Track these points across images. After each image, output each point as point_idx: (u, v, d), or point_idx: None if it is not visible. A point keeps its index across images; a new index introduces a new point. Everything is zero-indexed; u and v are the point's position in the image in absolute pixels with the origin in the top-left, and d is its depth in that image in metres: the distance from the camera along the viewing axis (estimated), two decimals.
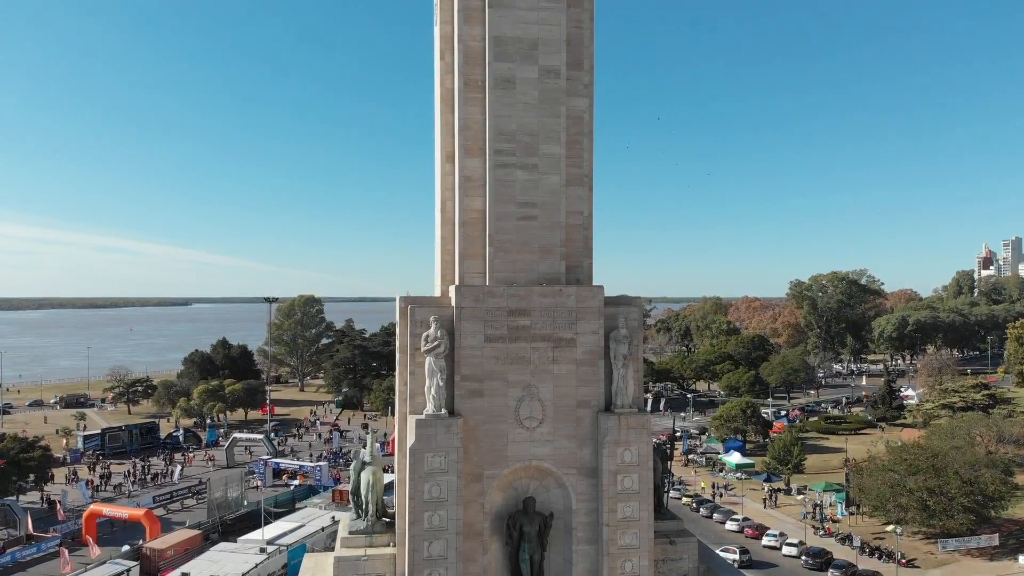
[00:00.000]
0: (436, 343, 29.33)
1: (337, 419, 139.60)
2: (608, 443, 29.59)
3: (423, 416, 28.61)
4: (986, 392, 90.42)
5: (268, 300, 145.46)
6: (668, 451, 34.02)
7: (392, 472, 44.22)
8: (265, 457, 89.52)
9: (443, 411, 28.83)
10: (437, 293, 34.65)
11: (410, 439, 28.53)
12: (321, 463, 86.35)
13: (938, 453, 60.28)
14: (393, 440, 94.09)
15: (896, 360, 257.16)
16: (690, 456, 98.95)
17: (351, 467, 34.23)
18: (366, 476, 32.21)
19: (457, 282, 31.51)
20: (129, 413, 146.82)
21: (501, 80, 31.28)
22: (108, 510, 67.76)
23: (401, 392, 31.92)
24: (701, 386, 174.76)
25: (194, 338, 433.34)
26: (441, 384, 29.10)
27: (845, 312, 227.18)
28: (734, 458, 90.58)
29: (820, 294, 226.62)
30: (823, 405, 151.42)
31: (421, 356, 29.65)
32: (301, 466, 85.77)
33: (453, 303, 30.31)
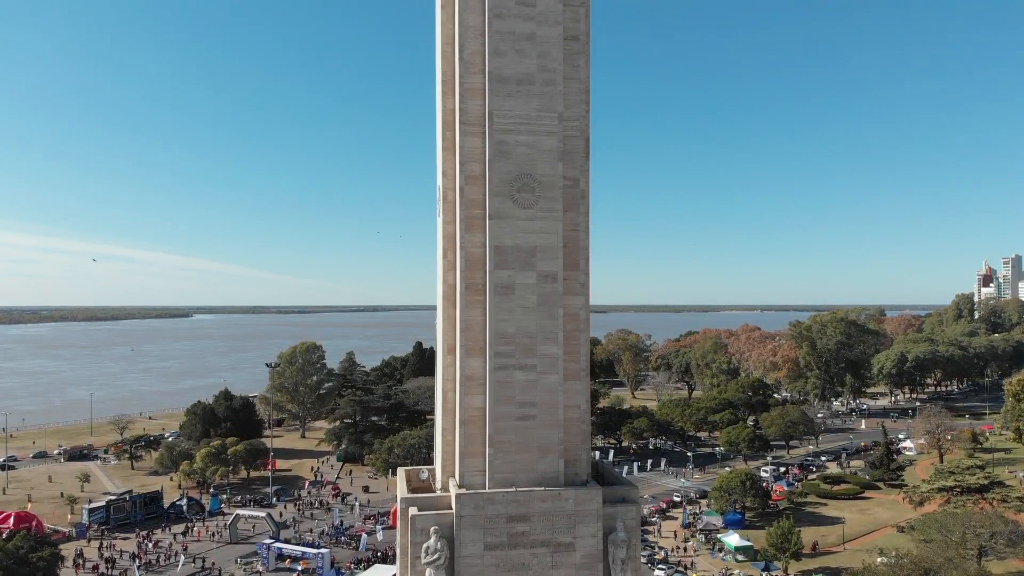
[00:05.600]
0: (436, 556, 30.14)
1: (339, 477, 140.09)
2: None
3: None
4: (982, 474, 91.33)
5: (268, 365, 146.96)
6: None
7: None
8: (268, 541, 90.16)
9: None
10: (438, 485, 35.69)
11: None
12: (323, 550, 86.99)
13: (930, 569, 61.27)
14: (394, 512, 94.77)
15: (896, 396, 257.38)
16: (689, 536, 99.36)
17: None
18: None
19: (458, 479, 32.39)
20: (132, 468, 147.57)
21: (501, 287, 32.28)
22: None
23: None
24: (702, 434, 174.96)
25: (200, 359, 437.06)
26: None
27: (844, 352, 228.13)
28: (733, 539, 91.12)
29: (820, 336, 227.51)
30: (823, 458, 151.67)
31: (421, 566, 30.51)
32: (304, 552, 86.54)
33: (453, 509, 31.12)
